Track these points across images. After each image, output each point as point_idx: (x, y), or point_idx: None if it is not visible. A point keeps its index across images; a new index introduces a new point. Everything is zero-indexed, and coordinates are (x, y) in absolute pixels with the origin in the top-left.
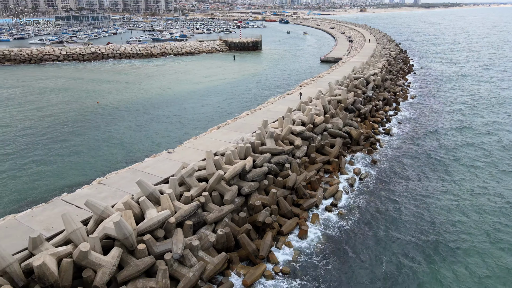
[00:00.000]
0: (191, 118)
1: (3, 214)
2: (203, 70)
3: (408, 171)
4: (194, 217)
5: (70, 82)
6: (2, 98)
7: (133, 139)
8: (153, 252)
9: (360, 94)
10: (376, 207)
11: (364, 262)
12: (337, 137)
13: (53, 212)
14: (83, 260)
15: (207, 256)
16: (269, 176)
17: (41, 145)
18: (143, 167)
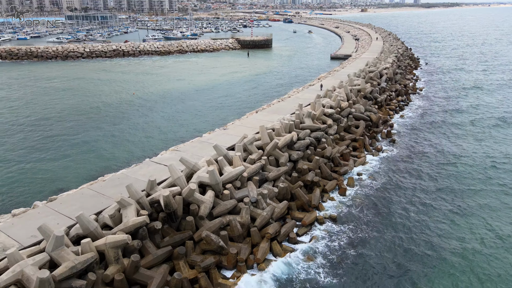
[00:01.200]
0: (225, 105)
1: (108, 172)
2: (222, 65)
3: (424, 147)
4: (258, 174)
5: (104, 76)
6: (50, 89)
7: (178, 122)
8: (234, 197)
9: (375, 85)
10: (400, 172)
11: (393, 212)
12: (360, 120)
13: (148, 169)
14: (190, 197)
15: (273, 203)
16: (310, 147)
17: (111, 125)
18: (206, 139)
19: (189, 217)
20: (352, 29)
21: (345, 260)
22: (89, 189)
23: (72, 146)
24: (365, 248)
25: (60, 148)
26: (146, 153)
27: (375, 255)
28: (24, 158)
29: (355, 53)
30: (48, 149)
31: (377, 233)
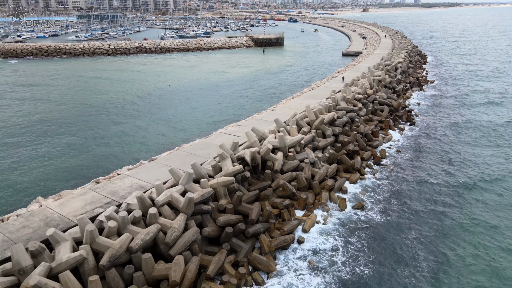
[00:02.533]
0: (259, 94)
1: (185, 142)
2: (242, 61)
3: (441, 127)
4: (311, 143)
5: (136, 70)
6: (87, 83)
7: (225, 106)
8: (296, 158)
9: (393, 76)
10: (421, 146)
11: (419, 175)
12: (384, 105)
13: (222, 138)
14: (267, 155)
15: (326, 164)
16: (347, 125)
17: (150, 113)
18: (260, 117)
19: (268, 170)
20: (358, 28)
21: (388, 205)
22: (182, 151)
23: (148, 122)
24: (403, 197)
25: (138, 123)
26: (212, 127)
27: (409, 202)
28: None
29: (365, 50)
30: (129, 124)
31: (408, 188)
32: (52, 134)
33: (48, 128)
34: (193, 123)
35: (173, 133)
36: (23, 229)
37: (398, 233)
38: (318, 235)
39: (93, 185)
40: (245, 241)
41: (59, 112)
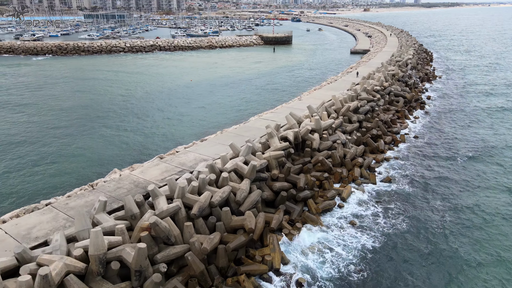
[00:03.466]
0: (279, 87)
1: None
2: (255, 58)
3: (453, 116)
4: (340, 127)
5: (157, 66)
6: (120, 77)
7: (250, 98)
8: (328, 139)
9: (405, 71)
10: (436, 132)
11: (435, 156)
12: (399, 97)
13: (261, 122)
14: (306, 135)
15: (354, 146)
16: (369, 113)
17: (182, 103)
18: (290, 106)
19: (307, 148)
20: (362, 27)
21: (412, 180)
22: (229, 133)
23: (185, 111)
24: (424, 173)
25: (178, 111)
26: (243, 115)
27: (431, 177)
28: (153, 123)
29: (373, 48)
30: (170, 112)
31: (427, 164)
32: (108, 121)
33: (103, 115)
34: (224, 113)
35: (210, 120)
36: (118, 189)
37: (425, 200)
38: (355, 202)
39: (158, 160)
40: (296, 204)
41: (103, 102)
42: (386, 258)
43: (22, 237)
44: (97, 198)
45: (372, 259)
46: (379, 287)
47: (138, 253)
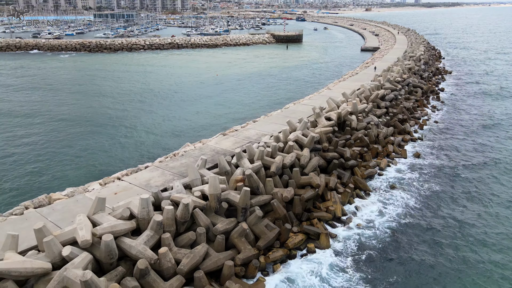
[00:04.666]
0: (301, 82)
1: (263, 114)
2: (271, 55)
3: (467, 105)
4: (371, 112)
5: (179, 62)
6: (150, 72)
7: (279, 90)
8: (363, 121)
9: (419, 65)
10: (452, 119)
11: (452, 137)
12: (417, 88)
13: (302, 107)
14: (346, 116)
15: (385, 127)
16: (393, 100)
17: (220, 94)
18: (323, 94)
19: (347, 127)
20: (367, 26)
21: (438, 155)
22: (277, 115)
23: (225, 100)
24: (447, 150)
25: (218, 100)
26: (279, 103)
27: (454, 152)
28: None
29: (382, 46)
30: (208, 102)
31: (449, 143)
32: (157, 108)
33: (151, 103)
34: (259, 101)
35: (248, 107)
36: (203, 155)
37: (452, 169)
38: (392, 171)
39: (222, 136)
40: (345, 171)
41: (146, 93)
42: (424, 212)
43: (145, 185)
44: (186, 161)
45: (412, 211)
46: (422, 233)
47: (244, 195)
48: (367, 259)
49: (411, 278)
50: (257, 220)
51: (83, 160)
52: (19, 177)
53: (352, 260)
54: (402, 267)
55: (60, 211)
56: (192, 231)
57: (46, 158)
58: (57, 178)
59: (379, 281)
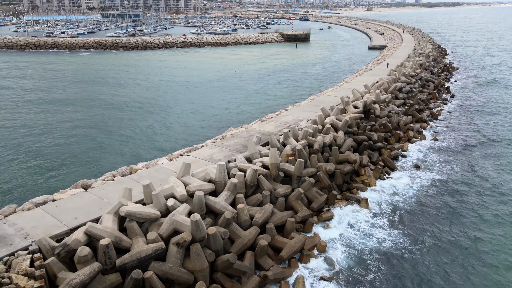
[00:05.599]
0: (317, 77)
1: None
2: (283, 53)
3: (476, 97)
4: (390, 103)
5: (196, 59)
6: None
7: (298, 84)
8: (385, 110)
9: (429, 61)
10: (462, 110)
11: (468, 125)
12: (429, 82)
13: (327, 98)
14: (370, 105)
15: (404, 116)
16: (409, 93)
17: (231, 90)
18: (344, 87)
19: (372, 115)
20: (372, 25)
21: (453, 139)
22: (306, 104)
23: (248, 94)
24: (461, 134)
25: (239, 94)
26: (303, 94)
27: (468, 137)
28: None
29: (389, 44)
30: (233, 95)
31: (463, 129)
32: (191, 98)
33: (181, 93)
34: (282, 94)
35: (275, 99)
36: (250, 137)
37: (467, 151)
38: (414, 154)
39: (260, 122)
40: (373, 152)
41: (175, 86)
42: (446, 185)
43: (209, 159)
44: (238, 140)
45: (435, 184)
46: (445, 201)
47: (299, 165)
48: (399, 219)
49: (436, 234)
50: (310, 187)
51: (139, 141)
52: (99, 153)
53: (387, 219)
54: (429, 226)
55: (146, 177)
56: (259, 193)
57: (108, 138)
58: (121, 154)
59: (410, 235)
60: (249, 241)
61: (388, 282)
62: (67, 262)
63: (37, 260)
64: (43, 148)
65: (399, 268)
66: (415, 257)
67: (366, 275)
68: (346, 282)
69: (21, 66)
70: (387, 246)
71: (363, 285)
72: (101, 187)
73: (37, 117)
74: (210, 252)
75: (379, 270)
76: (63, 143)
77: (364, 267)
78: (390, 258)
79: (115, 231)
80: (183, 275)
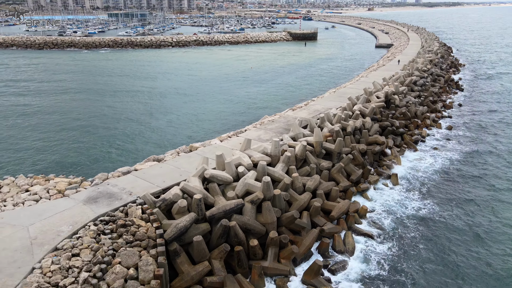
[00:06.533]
0: (330, 73)
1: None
2: (293, 51)
3: (483, 91)
4: (407, 94)
5: (211, 57)
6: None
7: (315, 79)
8: (403, 100)
9: (438, 58)
10: (472, 102)
11: (479, 114)
12: (440, 76)
13: (353, 86)
14: (390, 95)
15: (421, 106)
16: (422, 86)
17: (252, 85)
18: (362, 81)
19: (392, 104)
20: (376, 25)
21: (467, 127)
22: (330, 95)
23: (271, 88)
24: (473, 124)
25: (262, 88)
26: (322, 88)
27: (480, 126)
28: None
29: (396, 43)
30: (257, 88)
31: (474, 119)
32: (220, 91)
33: (210, 86)
34: (301, 88)
35: (299, 90)
36: (287, 122)
37: (481, 136)
38: (432, 138)
39: (292, 111)
40: (396, 136)
41: (203, 80)
42: (467, 163)
43: (257, 139)
44: (279, 125)
45: (454, 163)
46: (466, 175)
47: (339, 143)
48: (427, 191)
49: (462, 203)
50: (348, 162)
51: (184, 125)
52: (148, 136)
53: (417, 191)
54: (455, 196)
55: (209, 152)
56: (307, 166)
57: (157, 122)
58: (172, 136)
59: (439, 203)
60: (304, 203)
61: (426, 240)
62: (164, 213)
63: (146, 209)
64: (112, 131)
65: (434, 229)
66: (447, 220)
67: (407, 233)
68: (387, 238)
69: (60, 63)
70: (420, 212)
71: (404, 241)
72: (174, 160)
73: (101, 106)
74: (277, 209)
75: (417, 230)
76: (125, 126)
77: (403, 227)
78: (425, 221)
79: (202, 190)
80: (257, 226)
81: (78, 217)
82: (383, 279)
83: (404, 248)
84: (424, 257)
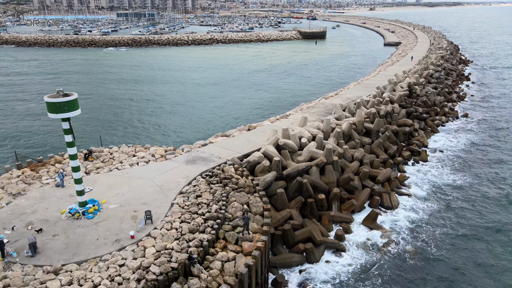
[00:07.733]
0: (346, 69)
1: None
2: (305, 49)
3: (492, 83)
4: (425, 85)
5: (231, 54)
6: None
7: (336, 74)
8: (422, 90)
9: (449, 54)
10: (483, 93)
11: (489, 104)
12: (452, 71)
13: (377, 78)
14: (412, 85)
15: (438, 96)
16: (438, 79)
17: (280, 78)
18: (382, 74)
19: (413, 94)
20: (381, 24)
21: (481, 115)
22: (354, 87)
23: (298, 81)
24: (486, 112)
25: (290, 81)
26: (344, 81)
27: (492, 114)
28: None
29: (404, 41)
30: (286, 81)
31: (486, 108)
32: (251, 84)
33: (243, 80)
34: (322, 81)
35: (319, 84)
36: (326, 107)
37: (495, 121)
38: (450, 124)
39: (324, 100)
40: (420, 121)
41: (234, 74)
42: (487, 141)
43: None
44: (319, 109)
45: (474, 143)
46: (485, 153)
47: (377, 122)
48: (451, 164)
49: (489, 173)
50: (385, 138)
51: (230, 111)
52: (208, 118)
53: (444, 163)
54: (481, 169)
55: (268, 131)
56: (352, 141)
57: (207, 107)
58: (222, 118)
59: (468, 174)
60: (354, 169)
61: (455, 199)
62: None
63: (237, 169)
64: (177, 114)
65: (463, 193)
66: (474, 187)
67: (439, 195)
68: (423, 198)
69: (99, 59)
70: (448, 181)
71: (436, 199)
72: (241, 135)
73: (155, 93)
74: (336, 172)
75: (447, 194)
76: (184, 110)
77: (436, 190)
78: (452, 186)
79: (278, 154)
80: (322, 184)
81: (186, 172)
82: (426, 223)
83: (438, 204)
84: (457, 211)
